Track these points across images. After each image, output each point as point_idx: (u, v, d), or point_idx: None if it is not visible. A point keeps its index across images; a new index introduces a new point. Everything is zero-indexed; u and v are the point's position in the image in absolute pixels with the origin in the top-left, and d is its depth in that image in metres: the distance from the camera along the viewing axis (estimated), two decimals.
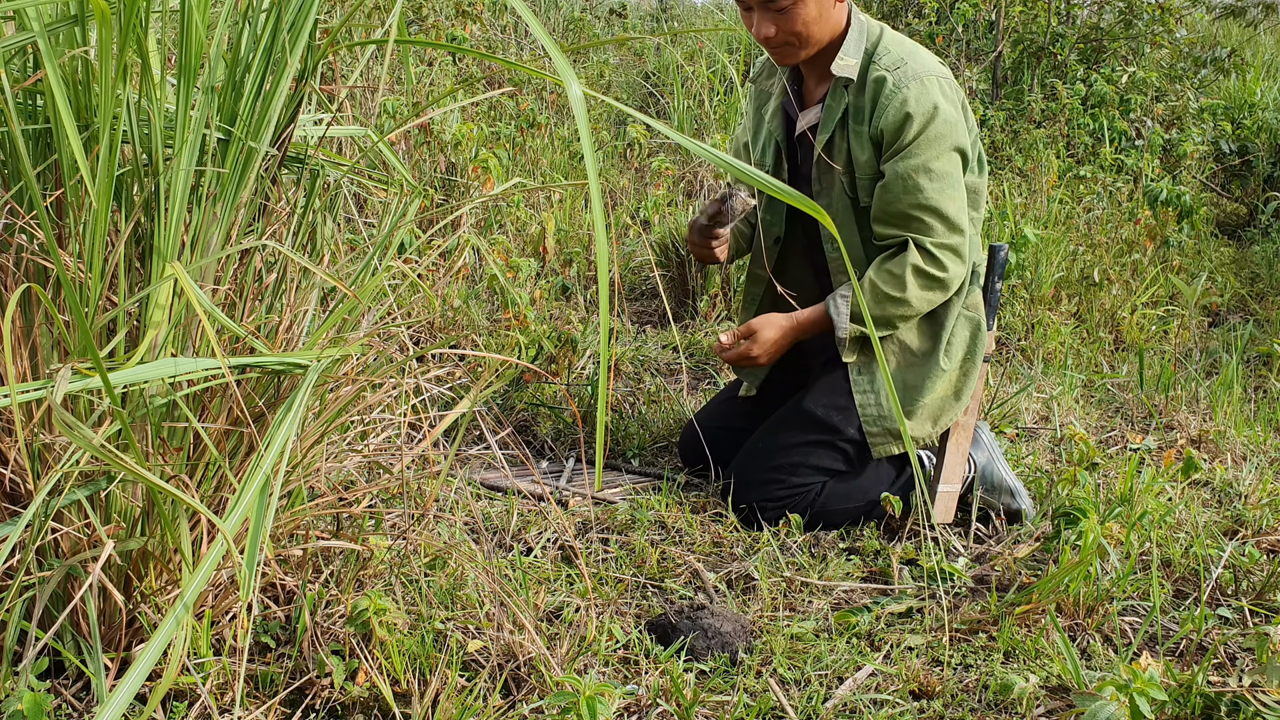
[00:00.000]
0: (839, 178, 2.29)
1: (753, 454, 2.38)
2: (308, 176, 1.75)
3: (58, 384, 1.18)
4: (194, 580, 1.17)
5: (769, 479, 2.33)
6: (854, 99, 2.25)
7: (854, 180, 2.29)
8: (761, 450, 2.38)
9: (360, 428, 1.87)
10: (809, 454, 2.34)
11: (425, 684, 1.60)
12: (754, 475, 2.35)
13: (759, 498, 2.32)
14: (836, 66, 2.24)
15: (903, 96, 2.18)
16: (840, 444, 2.35)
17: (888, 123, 2.19)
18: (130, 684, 1.07)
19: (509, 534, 2.19)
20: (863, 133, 2.24)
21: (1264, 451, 2.79)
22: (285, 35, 1.50)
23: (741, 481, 2.36)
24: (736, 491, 2.36)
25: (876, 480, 2.35)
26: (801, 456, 2.33)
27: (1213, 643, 1.83)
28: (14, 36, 1.38)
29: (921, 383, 2.32)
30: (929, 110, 2.18)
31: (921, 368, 2.34)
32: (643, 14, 9.08)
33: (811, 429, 2.35)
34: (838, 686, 1.75)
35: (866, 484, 2.34)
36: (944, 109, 2.19)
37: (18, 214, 1.49)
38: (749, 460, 2.38)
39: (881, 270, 2.25)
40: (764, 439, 2.40)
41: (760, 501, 2.32)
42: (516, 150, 4.53)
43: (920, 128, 2.18)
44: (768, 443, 2.38)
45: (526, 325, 2.95)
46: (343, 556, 1.78)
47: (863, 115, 2.24)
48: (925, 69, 2.22)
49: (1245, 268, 4.76)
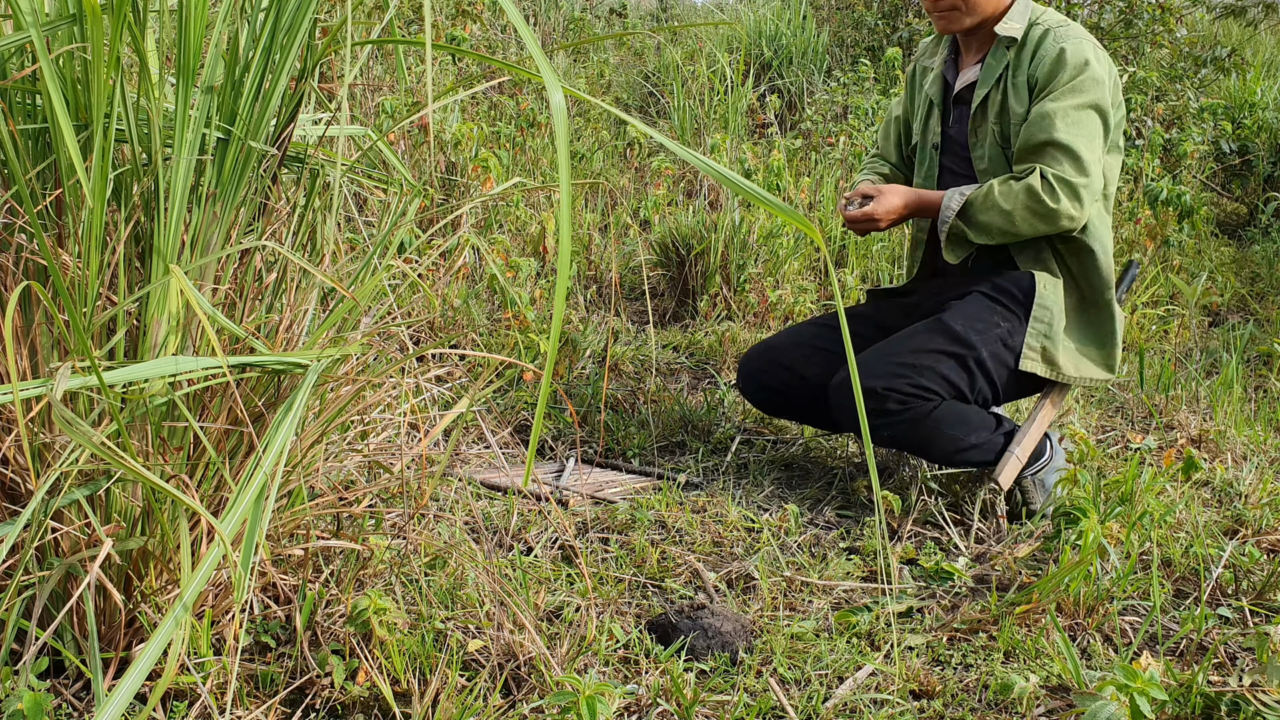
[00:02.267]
0: (991, 127, 2.44)
1: (882, 352, 2.39)
2: (307, 176, 1.75)
3: (57, 381, 1.18)
4: (193, 580, 1.17)
5: (898, 372, 2.32)
6: (1015, 56, 2.42)
7: (1005, 133, 2.43)
8: (893, 349, 2.39)
9: (360, 427, 1.87)
10: (940, 361, 2.35)
11: (425, 684, 1.60)
12: (883, 367, 2.34)
13: (885, 385, 2.31)
14: (1001, 28, 2.41)
15: (1061, 47, 2.35)
16: (970, 363, 2.37)
17: (1043, 68, 2.36)
18: (130, 684, 1.07)
19: (509, 534, 2.19)
20: (1020, 83, 2.40)
21: (1264, 451, 2.78)
22: (283, 34, 1.49)
23: (867, 371, 2.33)
24: (863, 378, 2.32)
25: (982, 423, 2.39)
26: (933, 362, 2.35)
27: (1213, 643, 1.83)
28: (11, 36, 1.38)
29: (1086, 321, 2.47)
30: (1081, 63, 2.34)
31: (1090, 311, 2.47)
32: (643, 14, 9.09)
33: (947, 341, 2.38)
34: (838, 686, 1.75)
35: (975, 421, 2.38)
36: (1095, 68, 2.34)
37: (17, 214, 1.48)
38: (878, 356, 2.38)
39: (1005, 181, 2.37)
40: (896, 342, 2.42)
41: (886, 389, 2.30)
42: (516, 150, 4.53)
43: (1071, 75, 2.33)
44: (900, 344, 2.40)
45: (526, 325, 2.95)
46: (343, 556, 1.77)
47: (1022, 67, 2.40)
48: (1086, 35, 2.40)
49: (1245, 268, 4.76)
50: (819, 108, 6.15)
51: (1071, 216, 2.33)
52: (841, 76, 6.54)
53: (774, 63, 6.97)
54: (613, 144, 5.31)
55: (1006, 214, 2.34)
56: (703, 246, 3.85)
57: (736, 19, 7.52)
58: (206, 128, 1.48)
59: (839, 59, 7.30)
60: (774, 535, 2.28)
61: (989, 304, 2.44)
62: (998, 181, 2.37)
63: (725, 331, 3.55)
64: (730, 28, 4.31)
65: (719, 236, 3.84)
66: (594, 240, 4.14)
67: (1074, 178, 2.31)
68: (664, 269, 3.98)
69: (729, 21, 4.59)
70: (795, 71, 6.90)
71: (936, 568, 2.10)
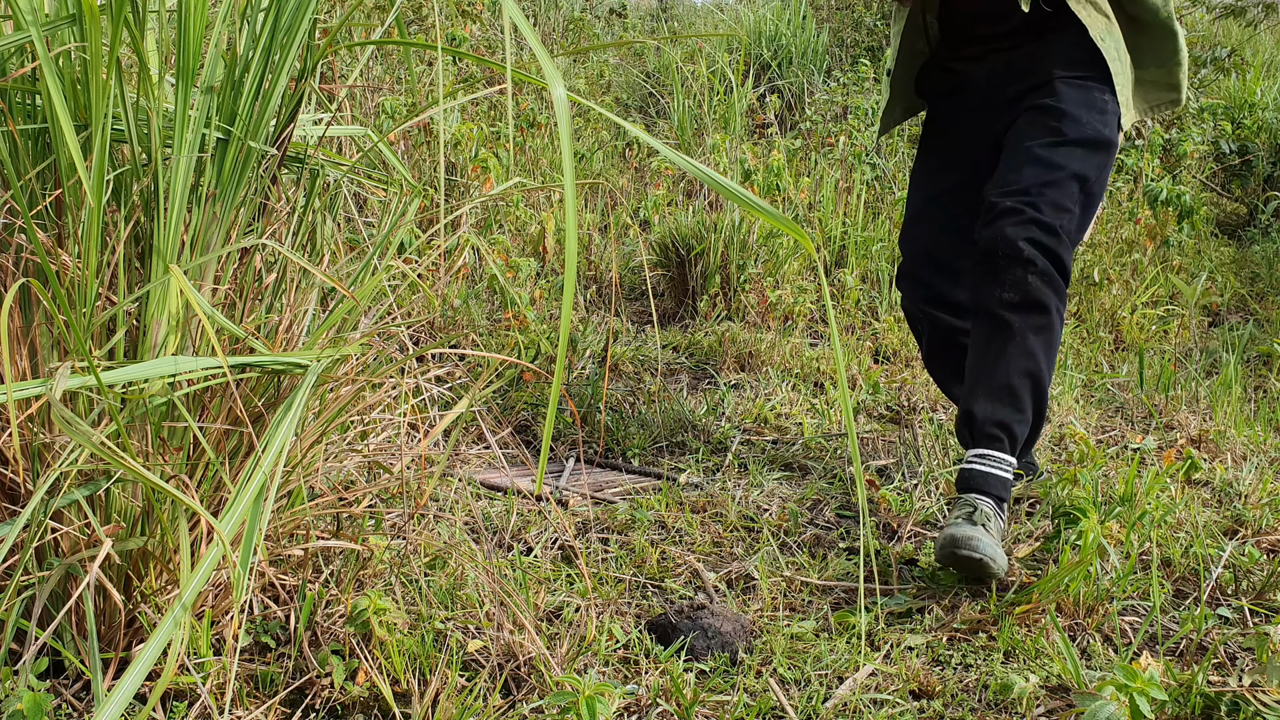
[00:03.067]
0: None
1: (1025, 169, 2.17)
2: (307, 176, 1.75)
3: (56, 381, 1.18)
4: (193, 580, 1.17)
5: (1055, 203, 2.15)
6: None
7: None
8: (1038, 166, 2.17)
9: (360, 428, 1.87)
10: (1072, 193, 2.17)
11: (425, 684, 1.60)
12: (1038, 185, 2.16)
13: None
14: None
15: None
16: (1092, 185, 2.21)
17: None
18: (129, 684, 1.07)
19: (509, 534, 2.19)
20: None
21: (1264, 451, 2.78)
22: (283, 34, 1.49)
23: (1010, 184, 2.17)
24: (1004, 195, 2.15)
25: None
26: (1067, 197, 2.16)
27: (1213, 643, 1.83)
28: (11, 36, 1.38)
29: (1149, 49, 2.31)
30: None
31: (1147, 34, 2.31)
32: (643, 14, 9.09)
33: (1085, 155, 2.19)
34: (838, 686, 1.75)
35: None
36: None
37: (17, 214, 1.48)
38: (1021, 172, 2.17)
39: None
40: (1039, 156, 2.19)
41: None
42: (516, 150, 4.53)
43: None
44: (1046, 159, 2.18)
45: (526, 325, 2.95)
46: (343, 556, 1.77)
47: None
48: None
49: (1245, 268, 4.76)
50: (819, 108, 6.16)
51: None
52: (841, 76, 6.54)
53: (774, 63, 6.97)
54: (612, 144, 5.31)
55: None
56: (702, 247, 3.85)
57: (736, 19, 7.52)
58: (206, 128, 1.48)
59: (839, 59, 7.30)
60: (774, 535, 2.28)
61: (1086, 91, 2.22)
62: None
63: (725, 331, 3.55)
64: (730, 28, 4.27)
65: (719, 237, 3.84)
66: (594, 240, 4.14)
67: None
68: (664, 269, 3.98)
69: (728, 34, 4.61)
70: (795, 72, 6.90)
71: (936, 568, 2.10)
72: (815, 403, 3.08)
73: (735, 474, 2.63)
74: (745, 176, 4.23)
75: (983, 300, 2.17)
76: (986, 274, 2.15)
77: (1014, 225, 2.11)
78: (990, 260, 2.13)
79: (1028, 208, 2.11)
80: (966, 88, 2.40)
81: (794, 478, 2.63)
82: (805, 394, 3.16)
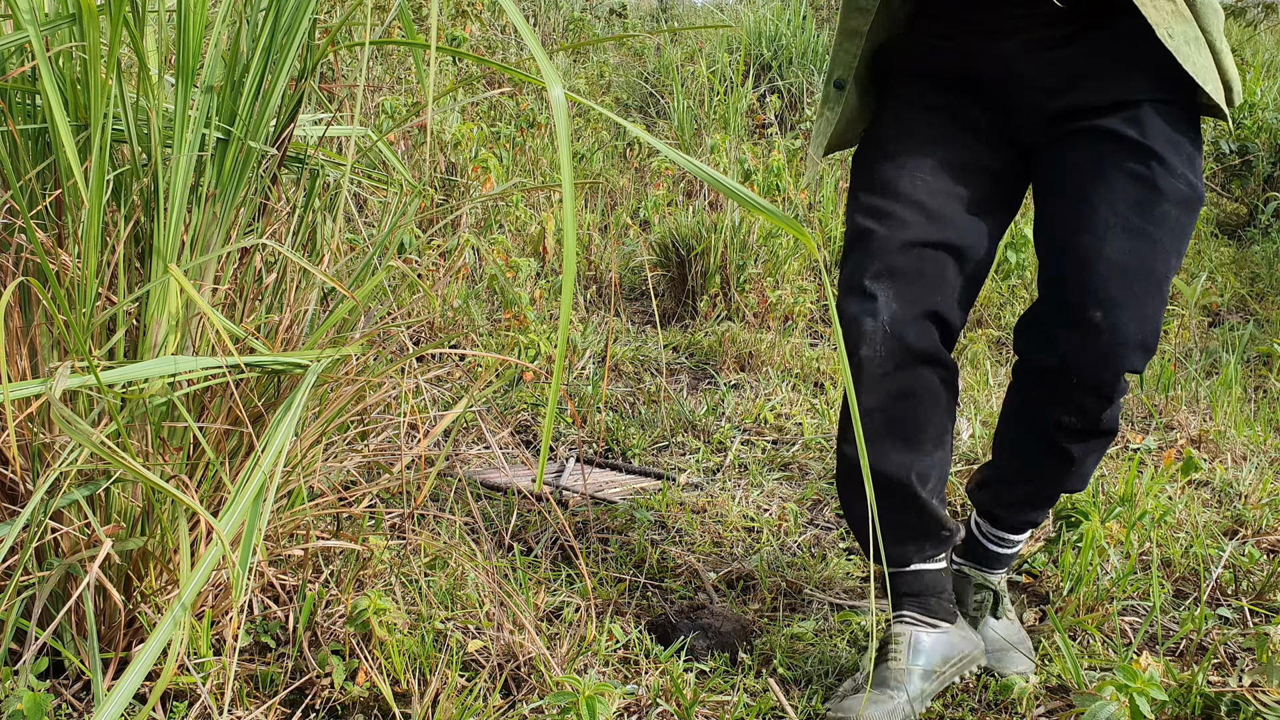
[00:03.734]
0: None
1: (1122, 266, 1.54)
2: (307, 176, 1.75)
3: (56, 380, 1.18)
4: (192, 580, 1.17)
5: (1158, 303, 1.57)
6: None
7: None
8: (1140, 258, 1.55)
9: (360, 428, 1.87)
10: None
11: (425, 684, 1.60)
12: (1146, 297, 1.55)
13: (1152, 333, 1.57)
14: None
15: None
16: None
17: None
18: (129, 684, 1.07)
19: (509, 534, 2.19)
20: None
21: (1264, 451, 2.78)
22: (282, 34, 1.49)
23: (1122, 302, 1.54)
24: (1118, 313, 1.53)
25: None
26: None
27: (1213, 643, 1.83)
28: (10, 35, 1.38)
29: (1203, 30, 1.59)
30: None
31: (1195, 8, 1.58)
32: (642, 14, 9.09)
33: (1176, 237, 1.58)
34: (838, 686, 1.75)
35: None
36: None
37: (17, 214, 1.48)
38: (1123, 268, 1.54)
39: None
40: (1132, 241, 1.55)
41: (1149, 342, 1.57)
42: (516, 150, 4.53)
43: None
44: (1145, 249, 1.55)
45: (526, 325, 2.95)
46: (342, 556, 1.77)
47: None
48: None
49: (1245, 268, 4.76)
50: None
51: None
52: None
53: (774, 63, 6.97)
54: (612, 144, 5.31)
55: None
56: (702, 247, 3.85)
57: (736, 19, 7.52)
58: (206, 128, 1.48)
59: None
60: (774, 535, 2.27)
61: (1175, 123, 1.58)
62: None
63: (725, 332, 3.55)
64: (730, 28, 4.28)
65: (719, 237, 3.84)
66: (594, 240, 4.14)
67: None
68: (664, 269, 3.98)
69: (728, 25, 4.61)
70: (795, 71, 6.90)
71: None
72: (815, 403, 3.08)
73: (735, 474, 2.63)
74: (745, 176, 4.23)
75: (1031, 412, 1.69)
76: (1047, 391, 1.64)
77: (1101, 351, 1.56)
78: (1058, 378, 1.61)
79: (1120, 327, 1.54)
80: (972, 79, 1.65)
81: (794, 478, 2.63)
82: (805, 394, 3.16)
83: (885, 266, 1.57)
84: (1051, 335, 1.59)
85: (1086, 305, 1.54)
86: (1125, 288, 1.53)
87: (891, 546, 1.69)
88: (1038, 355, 1.63)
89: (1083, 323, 1.55)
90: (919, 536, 1.70)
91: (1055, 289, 1.59)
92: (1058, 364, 1.59)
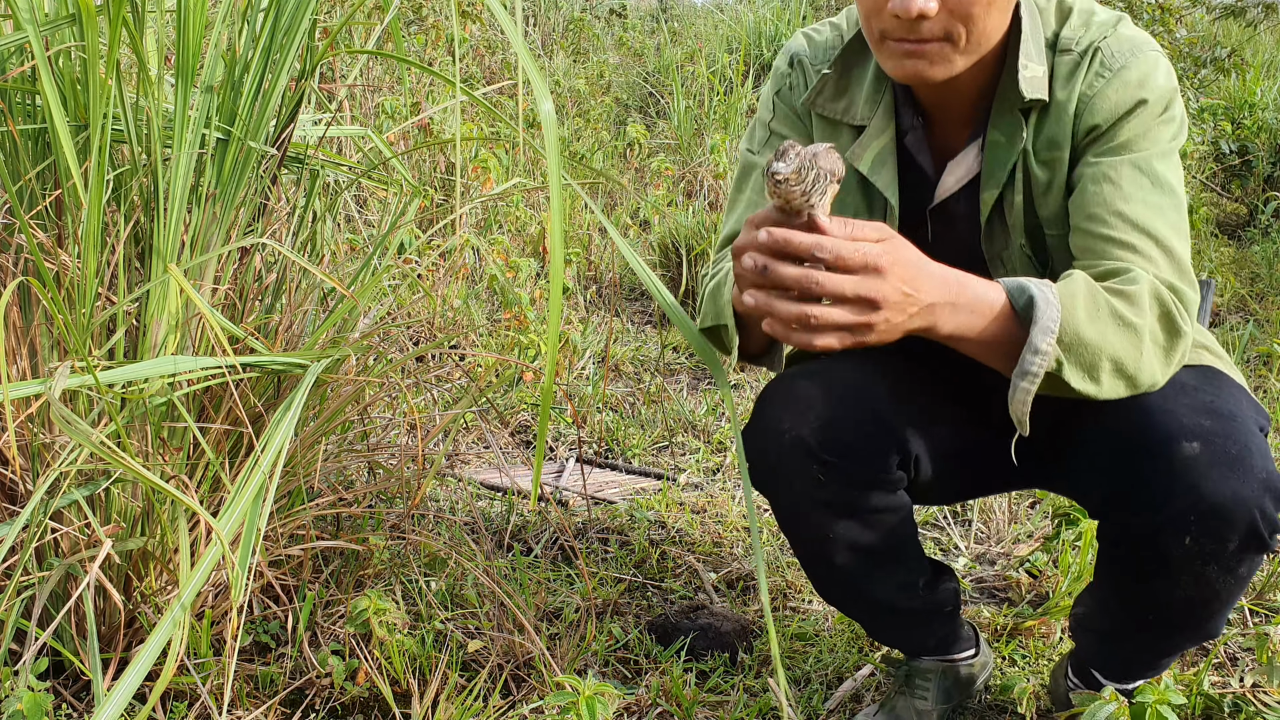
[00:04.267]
0: (1017, 244, 1.45)
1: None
2: (307, 176, 1.75)
3: (56, 380, 1.18)
4: (192, 580, 1.16)
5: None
6: (1043, 117, 1.41)
7: (1042, 240, 1.45)
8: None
9: (360, 428, 1.87)
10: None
11: (425, 684, 1.60)
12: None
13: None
14: (1025, 82, 1.38)
15: (1130, 74, 1.38)
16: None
17: (1107, 108, 1.37)
18: (129, 684, 1.07)
19: (509, 534, 2.19)
20: (1059, 157, 1.40)
21: None
22: (282, 34, 1.49)
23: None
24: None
25: None
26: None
27: (1214, 643, 1.82)
28: (10, 36, 1.38)
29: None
30: (1165, 93, 1.39)
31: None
32: (642, 14, 9.08)
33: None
34: (838, 686, 1.75)
35: None
36: (1178, 99, 1.42)
37: (17, 214, 1.48)
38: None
39: (1097, 281, 1.32)
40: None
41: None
42: (516, 150, 4.53)
43: (1155, 115, 1.38)
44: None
45: (526, 325, 2.94)
46: (342, 557, 1.77)
47: (1063, 124, 1.40)
48: (1146, 39, 1.43)
49: (1245, 268, 4.76)
50: None
51: (1189, 339, 1.32)
52: None
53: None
54: (612, 144, 5.31)
55: (1132, 329, 1.27)
56: (702, 247, 3.85)
57: (736, 19, 7.52)
58: (206, 128, 1.48)
59: None
60: (774, 535, 2.27)
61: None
62: (1083, 280, 1.29)
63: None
64: (730, 28, 4.28)
65: (719, 236, 3.84)
66: (594, 240, 4.14)
67: (1178, 280, 1.33)
68: (664, 269, 3.98)
69: (729, 27, 4.60)
70: None
71: None
72: None
73: (735, 474, 2.63)
74: None
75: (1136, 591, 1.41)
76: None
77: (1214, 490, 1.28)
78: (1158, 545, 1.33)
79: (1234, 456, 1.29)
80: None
81: None
82: None
83: None
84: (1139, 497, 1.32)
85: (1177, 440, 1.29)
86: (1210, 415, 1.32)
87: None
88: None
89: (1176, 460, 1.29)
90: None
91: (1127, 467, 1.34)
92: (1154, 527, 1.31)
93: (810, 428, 1.41)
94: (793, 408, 1.44)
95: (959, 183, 1.46)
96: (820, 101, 1.51)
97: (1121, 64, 1.38)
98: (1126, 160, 1.36)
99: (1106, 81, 1.38)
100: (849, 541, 1.45)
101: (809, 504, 1.44)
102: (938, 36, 1.31)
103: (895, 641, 1.66)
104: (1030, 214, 1.43)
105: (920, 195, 1.49)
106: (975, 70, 1.38)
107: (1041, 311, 1.23)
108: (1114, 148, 1.37)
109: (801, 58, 1.54)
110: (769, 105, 1.56)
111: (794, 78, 1.54)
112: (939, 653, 1.64)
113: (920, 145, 1.48)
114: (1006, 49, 1.40)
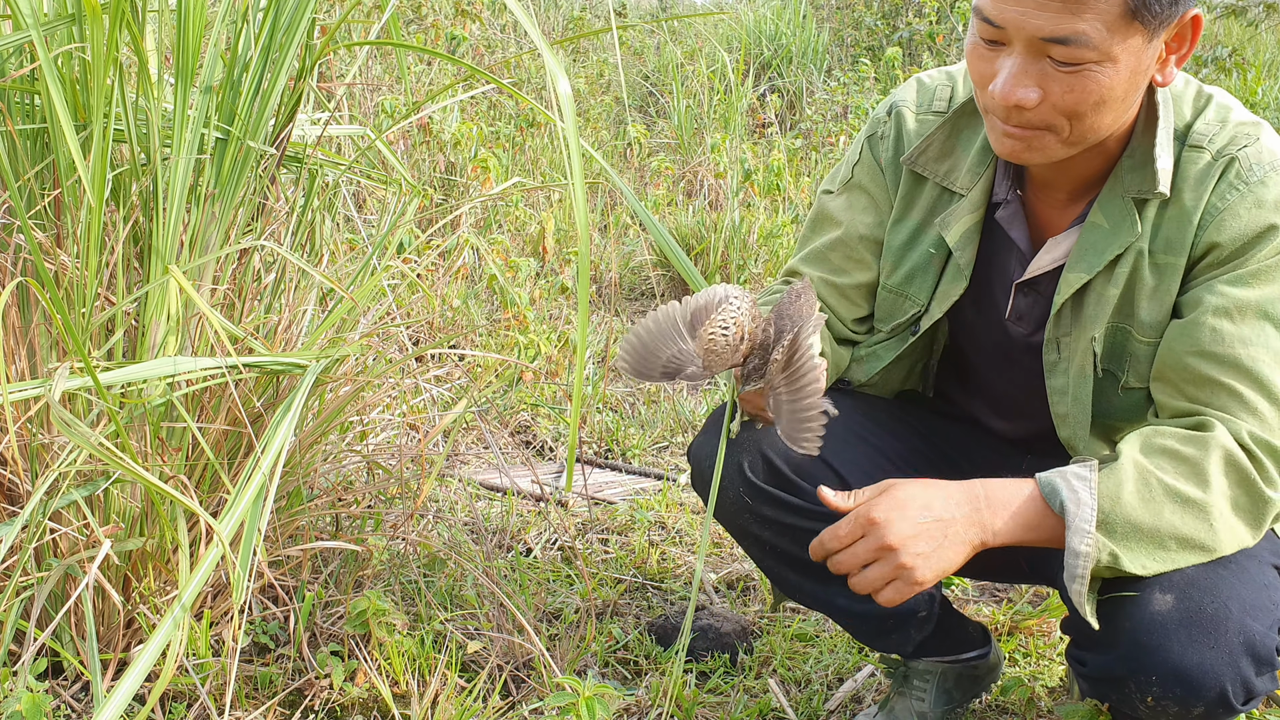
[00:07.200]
0: (1090, 340, 1.37)
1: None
2: (306, 176, 1.75)
3: (55, 381, 1.18)
4: (191, 581, 1.16)
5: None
6: (1162, 216, 1.32)
7: (1122, 341, 1.36)
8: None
9: (359, 428, 1.87)
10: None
11: (425, 685, 1.60)
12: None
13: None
14: (1137, 167, 1.31)
15: (1266, 193, 1.27)
16: None
17: (1236, 227, 1.27)
18: (128, 685, 1.07)
19: (509, 535, 2.18)
20: (1174, 264, 1.31)
21: None
22: (281, 34, 1.49)
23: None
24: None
25: None
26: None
27: None
28: (11, 36, 1.38)
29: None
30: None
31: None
32: (642, 13, 9.09)
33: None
34: (838, 686, 1.75)
35: None
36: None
37: (18, 214, 1.48)
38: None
39: (1156, 444, 1.25)
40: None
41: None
42: (516, 150, 4.53)
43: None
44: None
45: (526, 325, 2.94)
46: (342, 557, 1.77)
47: (1184, 230, 1.30)
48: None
49: None
50: (819, 107, 6.15)
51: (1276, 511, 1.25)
52: (841, 76, 6.54)
53: (774, 62, 6.96)
54: (612, 144, 5.31)
55: (1197, 507, 1.21)
56: (702, 247, 3.85)
57: (736, 18, 7.52)
58: (205, 128, 1.48)
59: (839, 58, 7.30)
60: None
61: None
62: (1139, 451, 1.24)
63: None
64: (730, 27, 4.28)
65: (719, 236, 3.84)
66: (594, 240, 4.14)
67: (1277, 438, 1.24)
68: (664, 269, 3.98)
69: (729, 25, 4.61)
70: (795, 71, 6.90)
71: None
72: None
73: None
74: (746, 176, 4.22)
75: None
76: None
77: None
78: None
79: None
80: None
81: None
82: None
83: None
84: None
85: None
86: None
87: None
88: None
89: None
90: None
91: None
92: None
93: (750, 455, 1.42)
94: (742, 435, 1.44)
95: (1054, 262, 1.38)
96: (922, 161, 1.44)
97: (1259, 179, 1.27)
98: (1254, 300, 1.26)
99: (1240, 196, 1.27)
100: (790, 556, 1.44)
101: (745, 517, 1.45)
102: (1038, 126, 1.24)
103: (874, 645, 1.63)
104: (1123, 314, 1.35)
105: (1008, 269, 1.43)
106: (1090, 155, 1.31)
107: (1072, 514, 1.19)
108: (1241, 277, 1.27)
109: (901, 109, 1.48)
110: (858, 148, 1.52)
111: (886, 127, 1.48)
112: (937, 654, 1.63)
113: (1015, 219, 1.41)
114: (1132, 135, 1.32)
